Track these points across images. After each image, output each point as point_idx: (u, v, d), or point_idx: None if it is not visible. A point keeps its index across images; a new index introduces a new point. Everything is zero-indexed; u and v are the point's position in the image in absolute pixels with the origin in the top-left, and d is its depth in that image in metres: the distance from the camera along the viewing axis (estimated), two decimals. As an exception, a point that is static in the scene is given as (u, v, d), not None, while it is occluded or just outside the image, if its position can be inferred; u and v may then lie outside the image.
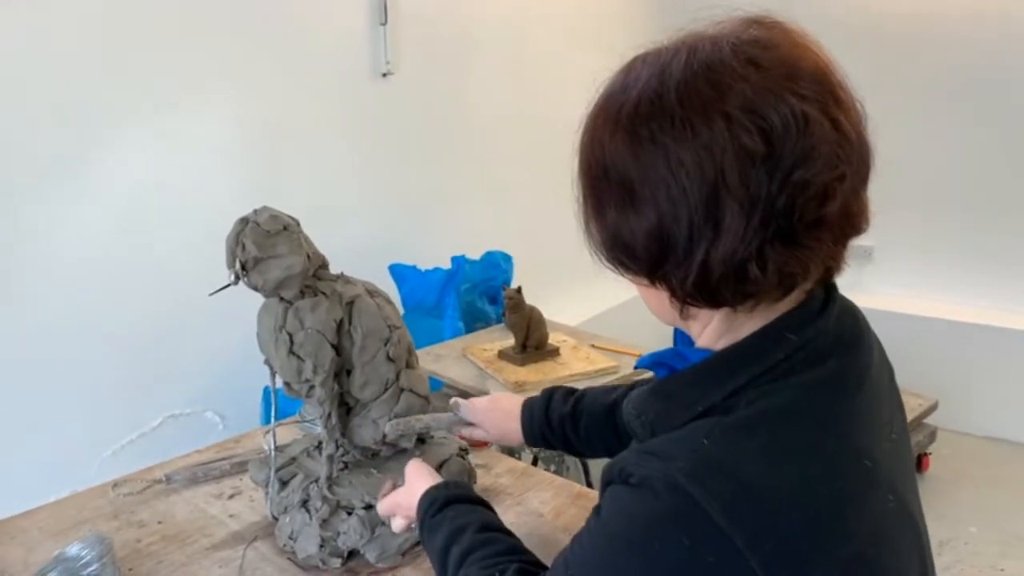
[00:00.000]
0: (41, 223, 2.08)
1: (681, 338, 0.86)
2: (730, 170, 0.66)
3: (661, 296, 0.76)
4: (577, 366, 2.35)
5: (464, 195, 3.18)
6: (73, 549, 1.24)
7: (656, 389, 0.79)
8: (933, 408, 3.07)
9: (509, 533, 1.02)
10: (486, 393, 2.23)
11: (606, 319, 3.61)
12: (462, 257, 2.69)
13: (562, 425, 1.24)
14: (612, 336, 2.63)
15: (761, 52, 0.69)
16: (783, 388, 0.71)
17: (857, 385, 0.74)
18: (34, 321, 2.10)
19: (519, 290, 2.38)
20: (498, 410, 1.32)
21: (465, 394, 2.34)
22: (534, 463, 2.16)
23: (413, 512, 1.10)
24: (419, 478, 1.14)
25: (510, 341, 2.44)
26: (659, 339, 1.23)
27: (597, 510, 0.76)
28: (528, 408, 1.29)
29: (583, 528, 0.77)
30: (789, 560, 0.65)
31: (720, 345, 0.76)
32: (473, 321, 2.73)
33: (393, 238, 2.85)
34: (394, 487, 1.21)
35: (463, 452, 1.46)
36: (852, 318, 0.80)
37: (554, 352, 2.41)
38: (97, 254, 2.18)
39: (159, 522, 1.45)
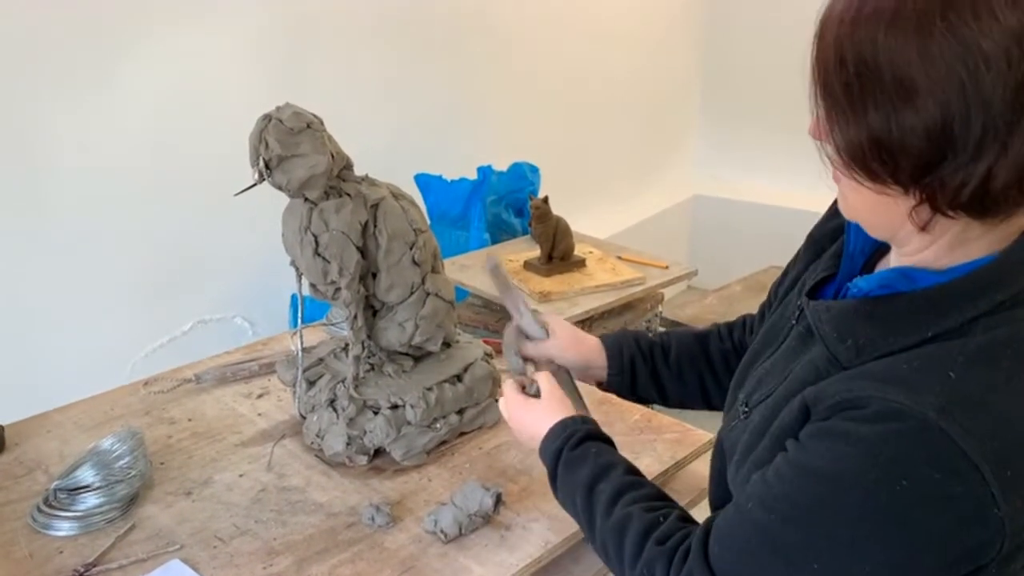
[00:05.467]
0: (70, 129, 2.06)
1: (863, 241, 0.83)
2: None
3: (900, 205, 0.69)
4: (603, 277, 2.34)
5: (491, 104, 3.12)
6: (106, 442, 1.27)
7: (871, 312, 0.73)
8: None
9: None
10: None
11: (633, 233, 3.58)
12: (488, 167, 2.64)
13: (651, 352, 1.16)
14: (638, 249, 2.61)
15: None
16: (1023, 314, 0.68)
17: None
18: (64, 228, 2.11)
19: (546, 200, 2.35)
20: (577, 335, 1.21)
21: (489, 304, 2.35)
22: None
23: (533, 431, 1.05)
24: (559, 403, 1.07)
25: (536, 252, 2.43)
26: (686, 254, 1.21)
27: (800, 449, 0.71)
28: (613, 338, 1.19)
29: (776, 468, 0.73)
30: (1021, 484, 0.65)
31: (946, 262, 0.72)
32: (499, 233, 2.70)
33: (419, 147, 2.81)
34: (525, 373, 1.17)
35: (488, 356, 1.46)
36: None
37: (580, 263, 2.39)
38: (125, 160, 2.17)
39: (189, 419, 1.48)
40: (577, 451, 0.98)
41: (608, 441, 1.02)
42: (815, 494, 0.69)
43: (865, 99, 0.66)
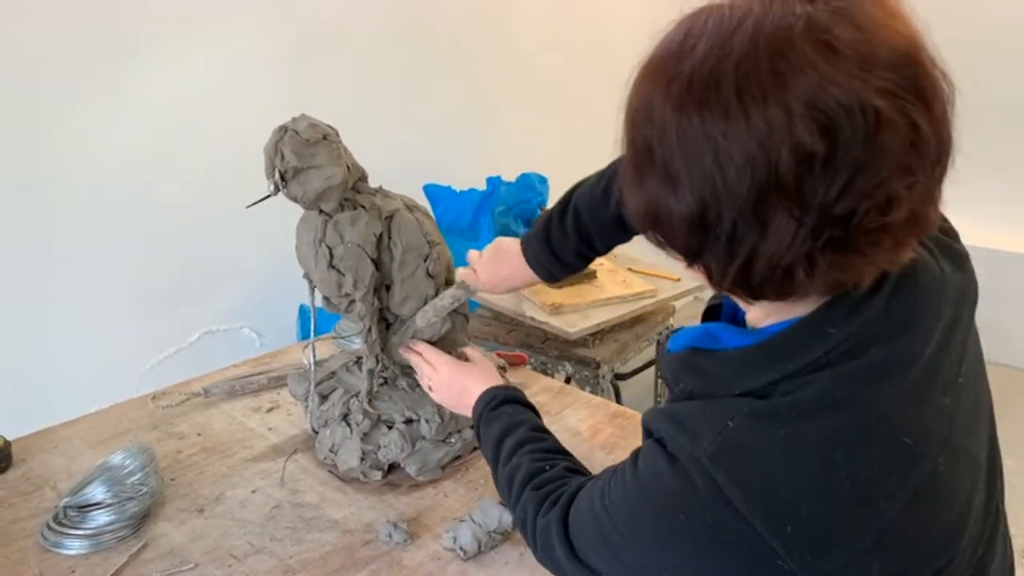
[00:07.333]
0: (78, 138, 2.05)
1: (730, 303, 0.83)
2: (784, 171, 0.59)
3: (700, 275, 0.70)
4: (614, 289, 2.32)
5: (500, 114, 3.10)
6: (116, 458, 1.25)
7: (692, 363, 0.75)
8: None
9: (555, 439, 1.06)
10: (521, 314, 2.23)
11: (643, 245, 3.55)
12: (497, 178, 2.62)
13: (577, 255, 1.18)
14: (650, 261, 2.59)
15: (840, 28, 0.59)
16: (819, 379, 0.67)
17: (905, 367, 0.69)
18: (71, 238, 2.09)
19: (555, 211, 2.33)
20: (496, 261, 1.25)
21: (499, 316, 2.33)
22: (567, 381, 2.15)
23: (458, 393, 1.18)
24: (488, 372, 1.21)
25: (544, 263, 2.41)
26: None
27: (636, 458, 0.75)
28: (535, 259, 1.20)
29: (624, 465, 0.77)
30: (809, 543, 0.64)
31: (769, 321, 0.73)
32: (507, 244, 2.68)
33: (428, 158, 2.79)
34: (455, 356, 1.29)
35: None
36: (912, 293, 0.71)
37: (591, 275, 2.37)
38: (132, 170, 2.16)
39: (198, 434, 1.46)
40: (495, 411, 1.09)
41: (528, 405, 1.12)
42: (627, 501, 0.74)
43: (645, 172, 0.67)
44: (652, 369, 2.85)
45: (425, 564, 1.11)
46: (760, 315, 0.74)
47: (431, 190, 2.60)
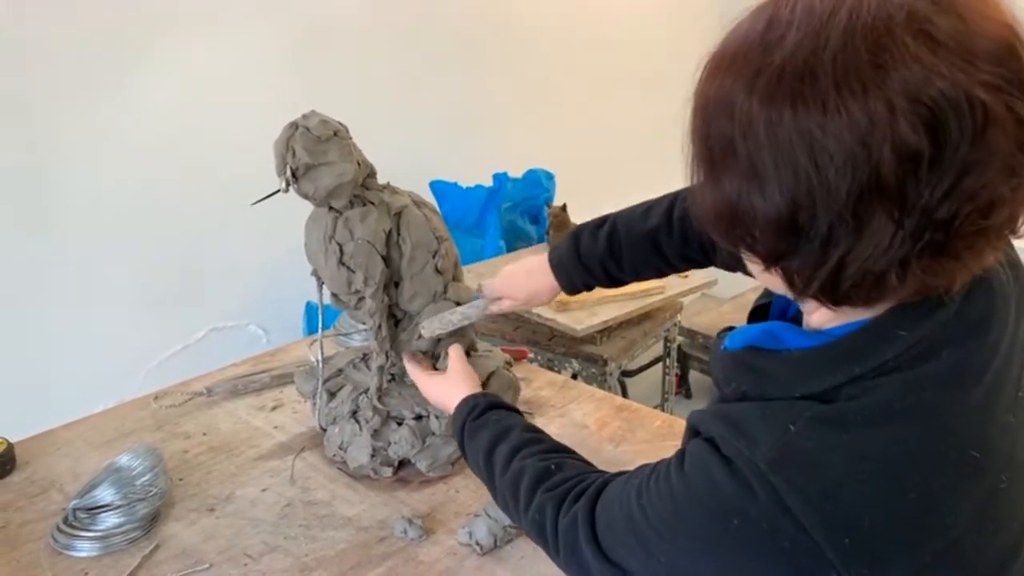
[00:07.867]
0: (86, 136, 2.05)
1: (779, 301, 0.81)
2: (887, 170, 0.55)
3: (775, 278, 0.67)
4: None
5: (506, 111, 3.09)
6: (124, 459, 1.25)
7: (749, 362, 0.72)
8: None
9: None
10: (528, 311, 2.23)
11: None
12: (504, 174, 2.61)
13: (603, 268, 1.17)
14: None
15: (940, 17, 0.56)
16: (887, 384, 0.64)
17: (976, 374, 0.66)
18: (77, 237, 2.08)
19: (564, 207, 2.33)
20: (519, 274, 1.25)
21: (506, 313, 2.33)
22: (574, 377, 2.15)
23: (443, 406, 1.16)
24: (463, 380, 1.16)
25: (551, 260, 2.41)
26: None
27: (681, 457, 0.72)
28: (558, 263, 1.20)
29: (666, 464, 0.73)
30: (869, 555, 0.62)
31: (832, 324, 0.69)
32: (514, 240, 2.66)
33: (434, 154, 2.77)
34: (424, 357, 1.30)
35: (508, 365, 1.45)
36: (985, 295, 0.68)
37: (597, 272, 2.38)
38: (142, 167, 2.15)
39: (204, 434, 1.45)
40: (479, 421, 1.03)
41: (511, 409, 1.06)
42: (672, 501, 0.70)
43: (723, 170, 0.63)
44: (659, 366, 2.85)
45: (442, 559, 1.11)
46: (825, 317, 0.70)
47: (437, 187, 2.59)
